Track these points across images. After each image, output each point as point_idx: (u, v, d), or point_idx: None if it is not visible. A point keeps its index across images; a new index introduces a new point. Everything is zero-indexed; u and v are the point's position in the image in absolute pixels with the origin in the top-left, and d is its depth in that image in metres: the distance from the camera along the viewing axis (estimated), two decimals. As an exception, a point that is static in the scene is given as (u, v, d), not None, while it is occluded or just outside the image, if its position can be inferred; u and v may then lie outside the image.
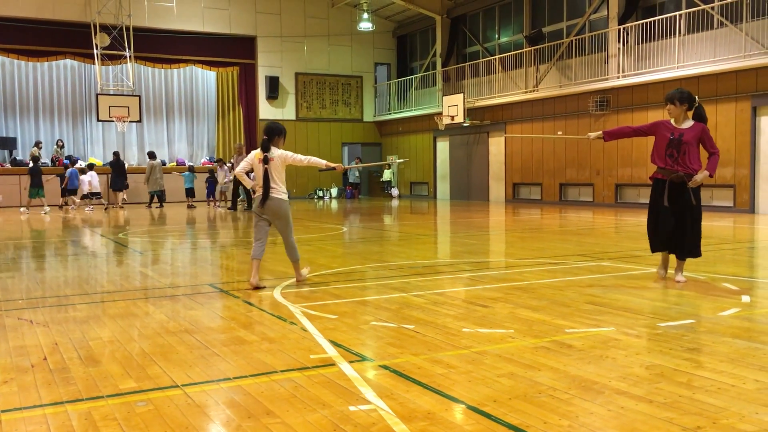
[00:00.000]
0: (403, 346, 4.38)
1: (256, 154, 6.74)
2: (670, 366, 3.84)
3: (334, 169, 6.97)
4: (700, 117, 6.57)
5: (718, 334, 4.55)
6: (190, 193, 23.42)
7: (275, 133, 6.79)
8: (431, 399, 3.35)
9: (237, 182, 18.68)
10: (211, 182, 24.36)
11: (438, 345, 4.38)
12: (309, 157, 6.86)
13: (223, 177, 23.55)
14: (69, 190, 22.47)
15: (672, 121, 6.61)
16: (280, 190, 6.71)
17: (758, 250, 9.69)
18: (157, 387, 3.60)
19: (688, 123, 6.55)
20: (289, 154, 6.77)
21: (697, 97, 6.64)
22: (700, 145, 6.52)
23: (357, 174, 29.38)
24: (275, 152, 6.67)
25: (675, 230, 6.57)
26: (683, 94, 6.58)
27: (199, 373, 3.83)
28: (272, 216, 6.80)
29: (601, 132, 6.91)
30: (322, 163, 6.84)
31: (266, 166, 6.64)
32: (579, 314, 5.25)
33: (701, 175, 6.41)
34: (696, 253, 6.68)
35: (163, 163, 26.86)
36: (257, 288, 6.57)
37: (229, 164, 23.82)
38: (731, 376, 3.65)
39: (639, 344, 4.33)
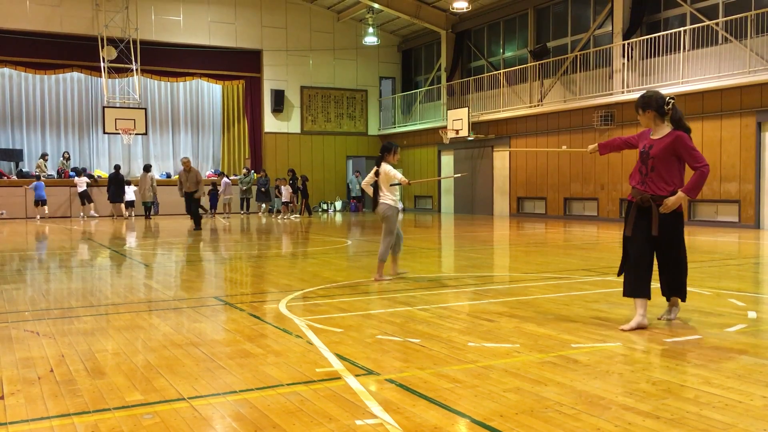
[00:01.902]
0: (409, 360, 4.37)
1: (375, 168, 8.13)
2: (676, 382, 3.82)
3: (408, 183, 8.24)
4: (676, 122, 5.33)
5: (725, 350, 4.54)
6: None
7: (384, 150, 8.11)
8: (437, 413, 3.34)
9: (191, 200, 17.53)
10: (214, 194, 24.66)
11: (444, 359, 4.37)
12: (398, 173, 8.08)
13: (228, 189, 24.16)
14: (37, 200, 22.95)
15: None
16: (387, 197, 8.00)
17: (764, 266, 9.67)
18: (163, 399, 3.60)
19: (663, 132, 5.33)
20: (392, 171, 7.99)
21: (669, 97, 5.36)
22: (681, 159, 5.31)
23: (358, 187, 29.47)
24: (383, 167, 7.99)
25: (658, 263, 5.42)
26: (645, 98, 5.37)
27: (205, 386, 3.84)
28: (380, 219, 8.08)
29: (596, 144, 6.01)
30: (400, 177, 8.06)
31: (376, 178, 8.05)
32: (585, 329, 5.24)
33: (673, 199, 5.18)
34: (679, 292, 5.46)
35: (168, 176, 27.01)
36: (387, 278, 7.95)
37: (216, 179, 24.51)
38: (738, 392, 3.63)
39: (645, 360, 4.32)
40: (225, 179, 24.79)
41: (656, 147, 5.30)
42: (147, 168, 23.75)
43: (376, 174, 8.03)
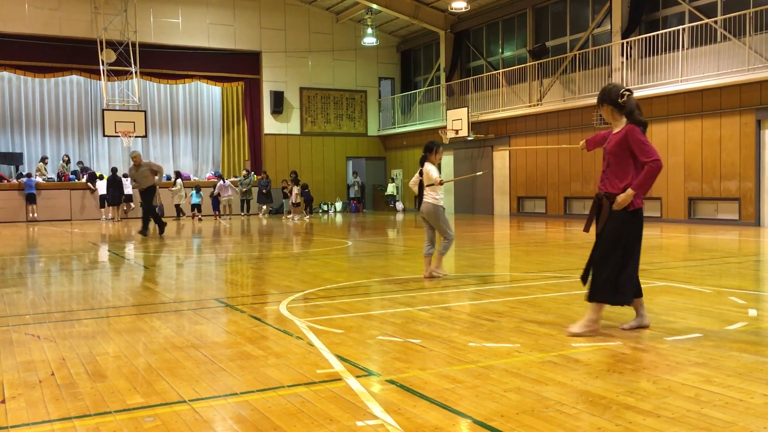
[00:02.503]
0: (410, 360, 4.38)
1: (420, 168, 8.27)
2: (677, 380, 3.83)
3: (441, 183, 8.19)
4: (627, 115, 5.06)
5: (726, 348, 4.54)
6: (197, 208, 24.36)
7: (427, 149, 8.28)
8: (438, 414, 3.35)
9: (146, 199, 16.23)
10: (216, 196, 24.81)
11: (444, 359, 4.38)
12: (435, 173, 8.13)
13: (225, 191, 24.40)
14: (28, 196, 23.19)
15: None
16: (431, 196, 8.11)
17: (764, 264, 9.66)
18: (164, 402, 3.60)
19: (620, 126, 5.09)
20: (432, 171, 8.11)
21: (624, 89, 5.09)
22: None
23: (357, 188, 29.49)
24: (426, 167, 8.16)
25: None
26: (602, 91, 5.14)
27: (206, 388, 3.84)
28: (426, 216, 8.23)
29: (584, 141, 5.75)
30: (434, 177, 8.10)
31: (421, 177, 8.23)
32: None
33: (623, 196, 4.90)
34: (599, 297, 5.00)
35: (168, 178, 27.04)
36: (431, 277, 8.08)
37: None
38: (739, 390, 3.63)
39: (646, 358, 4.33)
40: (221, 182, 24.97)
41: (611, 142, 5.10)
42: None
43: (420, 174, 8.22)
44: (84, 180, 24.84)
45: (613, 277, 4.96)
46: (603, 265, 4.99)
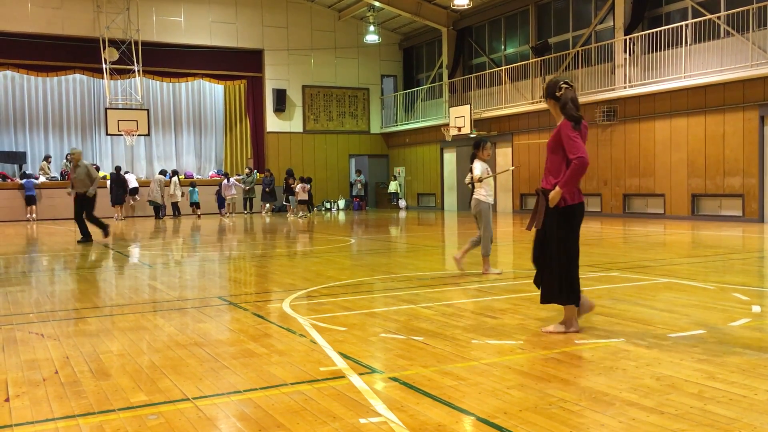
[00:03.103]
0: (413, 358, 4.38)
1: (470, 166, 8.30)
2: (680, 377, 3.82)
3: (479, 180, 8.25)
4: (561, 108, 4.90)
5: (729, 345, 4.53)
6: (195, 205, 24.88)
7: (474, 146, 8.25)
8: (441, 411, 3.35)
9: (83, 203, 14.22)
10: (221, 194, 25.00)
11: (447, 357, 4.38)
12: (477, 170, 8.16)
13: (229, 190, 24.88)
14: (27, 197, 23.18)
15: None
16: (480, 192, 8.19)
17: (768, 260, 9.64)
18: (167, 400, 3.61)
19: (560, 120, 4.94)
20: (476, 168, 8.14)
21: (563, 82, 4.98)
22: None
23: (360, 186, 29.49)
24: (474, 164, 8.21)
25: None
26: (546, 85, 5.04)
27: (209, 386, 3.84)
28: (474, 212, 8.30)
29: None
30: (474, 174, 8.20)
31: (471, 174, 8.27)
32: (589, 325, 5.23)
33: (553, 193, 4.80)
34: (547, 298, 4.99)
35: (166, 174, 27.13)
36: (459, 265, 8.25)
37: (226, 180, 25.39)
38: (743, 386, 3.63)
39: (649, 355, 4.32)
40: (225, 180, 25.12)
41: (550, 138, 4.96)
42: (162, 172, 24.90)
43: (471, 170, 8.30)
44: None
45: (559, 276, 4.88)
46: (547, 265, 4.95)
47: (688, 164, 17.95)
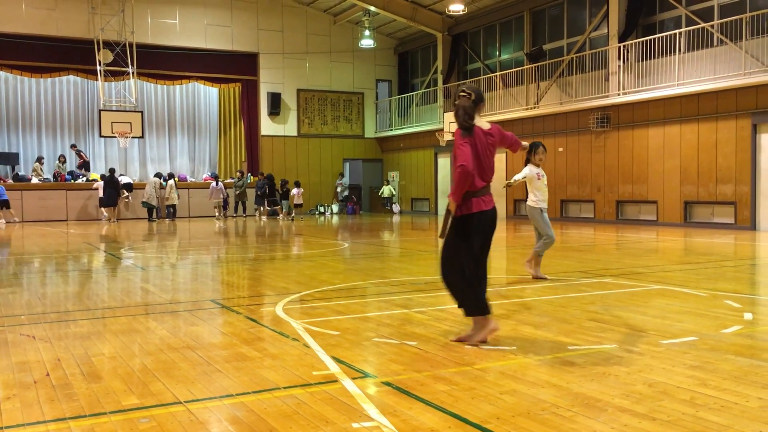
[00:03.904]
0: (406, 362, 4.38)
1: None
2: (672, 383, 3.83)
3: (509, 185, 8.52)
4: (455, 115, 4.92)
5: (721, 352, 4.55)
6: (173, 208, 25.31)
7: (528, 150, 8.09)
8: (434, 416, 3.34)
9: None
10: (225, 197, 25.64)
11: (440, 362, 4.38)
12: (520, 174, 8.35)
13: (216, 193, 25.19)
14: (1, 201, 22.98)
15: None
16: (530, 198, 8.30)
17: (760, 267, 9.69)
18: (159, 403, 3.59)
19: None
20: (522, 172, 8.27)
21: (463, 89, 4.94)
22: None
23: (339, 189, 29.57)
24: (524, 168, 8.27)
25: None
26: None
27: (201, 390, 3.83)
28: (528, 216, 8.39)
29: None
30: (514, 180, 8.40)
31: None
32: (581, 331, 5.24)
33: (450, 203, 4.82)
34: (464, 310, 4.89)
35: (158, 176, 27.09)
36: (537, 278, 8.11)
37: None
38: (734, 393, 3.64)
39: (641, 361, 4.33)
40: (214, 184, 25.18)
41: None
42: (157, 175, 25.02)
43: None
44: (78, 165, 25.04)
45: (459, 287, 4.82)
46: (456, 275, 4.83)
47: (680, 171, 18.03)
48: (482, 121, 4.89)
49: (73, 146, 26.22)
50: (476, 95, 4.87)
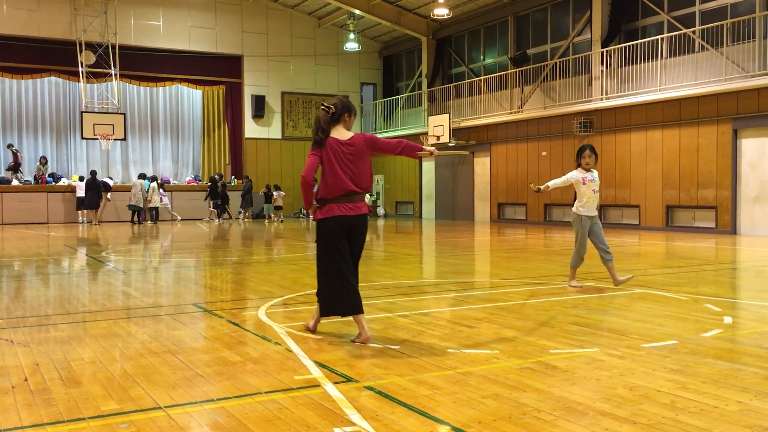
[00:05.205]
0: (388, 366, 4.37)
1: None
2: (653, 387, 3.85)
3: (542, 190, 7.99)
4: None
5: (701, 355, 4.58)
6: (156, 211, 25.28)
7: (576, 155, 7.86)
8: (416, 420, 3.34)
9: None
10: (225, 197, 25.84)
11: (423, 366, 4.37)
12: (560, 179, 7.88)
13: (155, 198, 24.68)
14: None
15: None
16: (575, 204, 7.78)
17: (740, 271, 9.79)
18: (139, 409, 3.56)
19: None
20: (565, 176, 7.83)
21: (323, 105, 5.16)
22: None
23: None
24: (569, 173, 7.89)
25: None
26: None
27: (182, 395, 3.80)
28: None
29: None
30: (548, 185, 7.87)
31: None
32: (564, 335, 5.26)
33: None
34: (320, 309, 5.31)
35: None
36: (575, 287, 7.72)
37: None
38: (714, 397, 3.67)
39: (623, 365, 4.35)
40: (152, 183, 24.54)
41: None
42: (140, 176, 24.69)
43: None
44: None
45: (322, 287, 5.15)
46: (318, 276, 5.22)
47: (662, 176, 18.18)
48: (342, 132, 5.10)
49: (9, 146, 25.20)
50: (339, 108, 5.09)
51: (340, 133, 5.09)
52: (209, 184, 25.72)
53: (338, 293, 5.06)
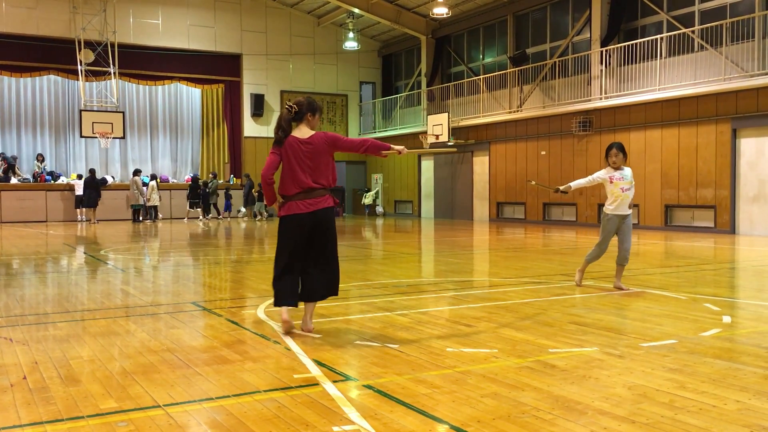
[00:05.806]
0: (387, 365, 4.37)
1: None
2: (652, 386, 3.86)
3: (563, 191, 7.83)
4: None
5: (700, 355, 4.58)
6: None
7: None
8: (415, 419, 3.34)
9: None
10: (228, 199, 26.06)
11: (422, 365, 4.37)
12: (586, 178, 7.72)
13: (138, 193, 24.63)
14: None
15: None
16: (606, 205, 7.55)
17: (739, 271, 9.79)
18: (138, 407, 3.56)
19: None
20: (592, 176, 7.67)
21: (287, 103, 5.30)
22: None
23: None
24: (597, 172, 7.69)
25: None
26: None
27: (181, 393, 3.80)
28: None
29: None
30: (570, 186, 7.73)
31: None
32: (562, 334, 5.27)
33: None
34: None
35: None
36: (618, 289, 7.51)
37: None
38: (713, 396, 3.67)
39: (621, 364, 4.36)
40: (151, 182, 24.66)
41: None
42: (135, 172, 24.56)
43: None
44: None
45: (275, 277, 5.30)
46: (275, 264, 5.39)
47: (661, 175, 18.18)
48: (303, 130, 5.25)
49: None
50: (302, 107, 5.23)
51: (301, 131, 5.25)
52: (191, 183, 25.73)
53: (279, 285, 5.24)
